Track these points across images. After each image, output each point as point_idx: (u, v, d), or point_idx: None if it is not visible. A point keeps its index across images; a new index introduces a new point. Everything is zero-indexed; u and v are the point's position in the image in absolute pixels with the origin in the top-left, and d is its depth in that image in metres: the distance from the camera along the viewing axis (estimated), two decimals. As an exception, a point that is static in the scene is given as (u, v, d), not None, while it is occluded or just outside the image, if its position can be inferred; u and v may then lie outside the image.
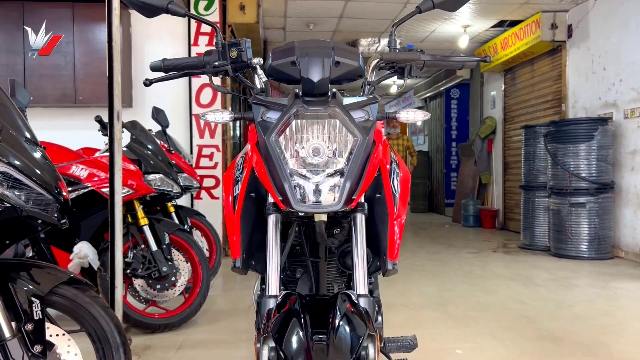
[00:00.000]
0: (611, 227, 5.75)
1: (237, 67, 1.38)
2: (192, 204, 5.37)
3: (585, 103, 6.45)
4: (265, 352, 1.03)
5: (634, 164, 5.63)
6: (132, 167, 3.22)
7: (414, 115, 1.29)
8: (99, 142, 3.84)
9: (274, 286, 1.20)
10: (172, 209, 4.01)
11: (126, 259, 3.15)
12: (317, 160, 1.16)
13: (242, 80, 1.39)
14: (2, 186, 1.55)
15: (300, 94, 1.23)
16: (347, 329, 1.07)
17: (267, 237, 1.24)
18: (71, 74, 5.33)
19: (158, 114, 4.17)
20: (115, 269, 2.78)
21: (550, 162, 5.98)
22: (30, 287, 1.69)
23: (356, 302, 1.17)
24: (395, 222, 1.29)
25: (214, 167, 5.76)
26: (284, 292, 1.19)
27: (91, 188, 3.11)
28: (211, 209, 5.63)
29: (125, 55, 5.32)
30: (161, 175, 3.30)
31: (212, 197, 5.75)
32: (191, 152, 5.72)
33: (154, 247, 3.20)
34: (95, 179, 3.11)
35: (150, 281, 3.20)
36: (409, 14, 1.42)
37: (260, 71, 1.35)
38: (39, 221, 1.67)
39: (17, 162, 1.59)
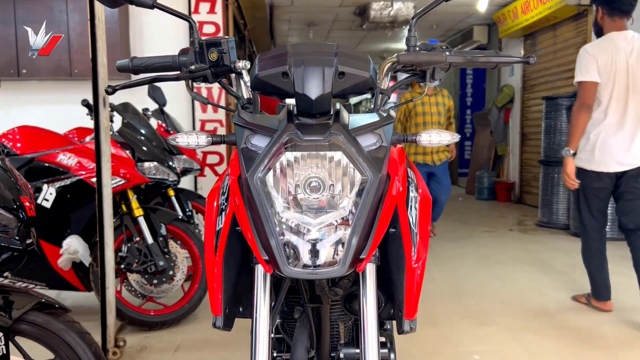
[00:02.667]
0: (635, 206, 5.45)
1: (218, 72, 1.11)
2: (195, 185, 5.14)
3: (612, 73, 6.05)
4: None
5: (663, 139, 5.28)
6: (124, 154, 2.98)
7: (438, 138, 1.02)
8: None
9: (263, 357, 0.96)
10: (172, 193, 3.78)
11: (120, 253, 2.95)
12: (315, 198, 0.91)
13: (225, 88, 1.13)
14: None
15: (295, 112, 0.96)
16: None
17: (254, 295, 1.00)
18: (65, 45, 5.05)
19: (155, 92, 3.89)
20: (106, 269, 2.58)
21: (573, 136, 5.64)
22: (-7, 317, 1.48)
23: None
24: (413, 268, 1.04)
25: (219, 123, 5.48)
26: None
27: (80, 178, 2.89)
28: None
29: (123, 26, 5.02)
30: (156, 163, 3.06)
31: (216, 174, 5.51)
32: (194, 128, 5.46)
33: (149, 239, 2.98)
34: (85, 168, 2.88)
35: (146, 276, 3.00)
36: (433, 2, 1.13)
37: (246, 77, 1.08)
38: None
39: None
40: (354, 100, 24.68)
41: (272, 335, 1.33)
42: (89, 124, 3.83)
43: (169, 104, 4.15)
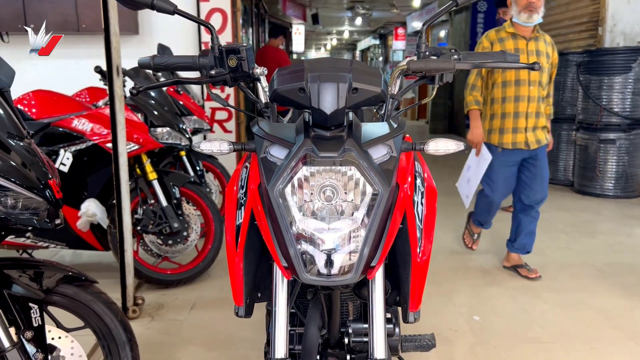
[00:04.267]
0: (640, 165, 5.51)
1: (237, 77, 1.17)
2: (204, 143, 5.20)
3: (625, 28, 5.96)
4: None
5: (672, 98, 5.27)
6: (136, 119, 3.04)
7: (445, 146, 1.08)
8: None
9: (281, 349, 1.07)
10: (183, 153, 3.86)
11: (136, 215, 3.07)
12: (329, 204, 0.99)
13: (245, 91, 1.19)
14: (-14, 197, 1.40)
15: (311, 123, 1.02)
16: None
17: (274, 289, 1.09)
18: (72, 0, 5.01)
19: (164, 52, 3.89)
20: (124, 233, 2.70)
21: (582, 94, 5.63)
22: (27, 291, 1.60)
23: None
24: (418, 263, 1.13)
25: (226, 98, 5.52)
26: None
27: (94, 143, 2.96)
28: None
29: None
30: (168, 128, 3.13)
31: (225, 130, 5.57)
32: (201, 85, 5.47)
33: (164, 202, 3.09)
34: (99, 134, 2.95)
35: (161, 237, 3.13)
36: (444, 8, 1.16)
37: (264, 82, 1.14)
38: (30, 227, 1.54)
39: (2, 169, 1.43)
40: (361, 46, 23.91)
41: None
42: (98, 82, 3.87)
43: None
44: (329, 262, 0.97)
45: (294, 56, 18.47)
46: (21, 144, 1.56)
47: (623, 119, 5.33)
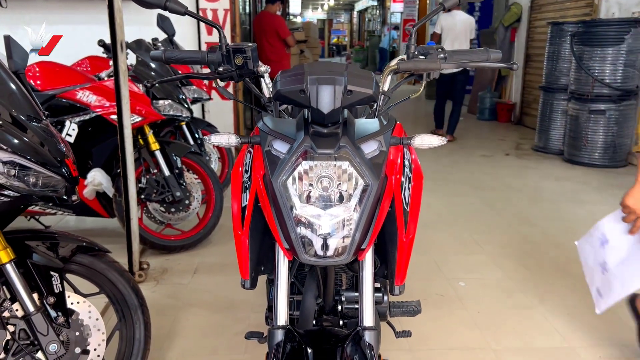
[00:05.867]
0: (629, 135, 5.64)
1: (243, 73, 1.28)
2: (202, 113, 5.30)
3: (621, -2, 5.99)
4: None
5: (663, 70, 5.37)
6: (137, 89, 3.13)
7: (429, 141, 1.21)
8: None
9: (282, 317, 1.22)
10: (182, 122, 3.97)
11: (140, 185, 3.20)
12: (325, 193, 1.13)
13: (250, 87, 1.30)
14: (11, 176, 1.52)
15: (310, 120, 1.15)
16: None
17: (276, 265, 1.24)
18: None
19: (164, 22, 3.94)
20: (130, 202, 2.84)
21: (575, 65, 5.71)
22: (48, 261, 1.74)
23: (363, 340, 1.19)
24: (404, 242, 1.28)
25: (225, 86, 5.59)
26: (290, 327, 1.21)
27: (99, 114, 3.06)
28: (222, 109, 5.60)
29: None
30: (170, 101, 3.22)
31: (222, 97, 5.65)
32: (200, 48, 5.52)
33: (166, 172, 3.22)
34: (102, 106, 3.05)
35: (164, 205, 3.28)
36: (433, 11, 1.27)
37: (268, 79, 1.25)
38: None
39: (22, 149, 1.55)
40: (359, 6, 23.69)
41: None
42: (96, 49, 3.92)
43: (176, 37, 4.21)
44: (325, 245, 1.11)
45: (291, 17, 18.26)
46: (39, 125, 1.68)
47: (614, 90, 5.44)
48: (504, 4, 8.80)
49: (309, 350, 1.17)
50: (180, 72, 3.92)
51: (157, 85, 3.23)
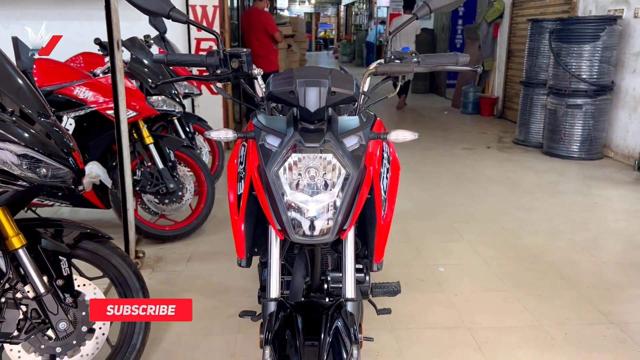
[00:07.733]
0: (604, 129, 5.87)
1: (238, 76, 1.44)
2: (192, 108, 5.43)
3: (598, -4, 6.20)
4: (267, 356, 1.26)
5: (637, 65, 5.59)
6: (131, 85, 3.26)
7: (403, 135, 1.38)
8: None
9: (274, 290, 1.39)
10: (174, 117, 4.10)
11: (135, 177, 3.33)
12: (312, 183, 1.29)
13: (245, 87, 1.46)
14: (24, 168, 1.66)
15: (298, 118, 1.31)
16: (336, 339, 1.28)
17: (269, 244, 1.40)
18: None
19: (155, 20, 4.07)
20: (126, 194, 2.98)
21: (553, 61, 5.92)
22: (56, 246, 1.89)
23: (344, 309, 1.36)
24: (381, 225, 1.45)
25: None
26: (282, 299, 1.38)
27: (95, 109, 3.19)
28: (212, 103, 5.74)
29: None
30: (163, 96, 3.36)
31: (212, 92, 5.79)
32: (189, 45, 5.65)
33: (160, 165, 3.36)
34: (97, 101, 3.18)
35: (158, 196, 3.42)
36: (406, 20, 1.44)
37: (261, 81, 1.41)
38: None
39: (33, 142, 1.69)
40: (346, 1, 23.82)
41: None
42: (90, 45, 4.02)
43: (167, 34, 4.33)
44: (312, 226, 1.27)
45: (278, 11, 18.32)
46: (47, 120, 1.82)
47: (590, 85, 5.66)
48: (487, 1, 8.99)
49: (299, 319, 1.33)
50: (176, 72, 4.06)
51: (139, 65, 3.37)
